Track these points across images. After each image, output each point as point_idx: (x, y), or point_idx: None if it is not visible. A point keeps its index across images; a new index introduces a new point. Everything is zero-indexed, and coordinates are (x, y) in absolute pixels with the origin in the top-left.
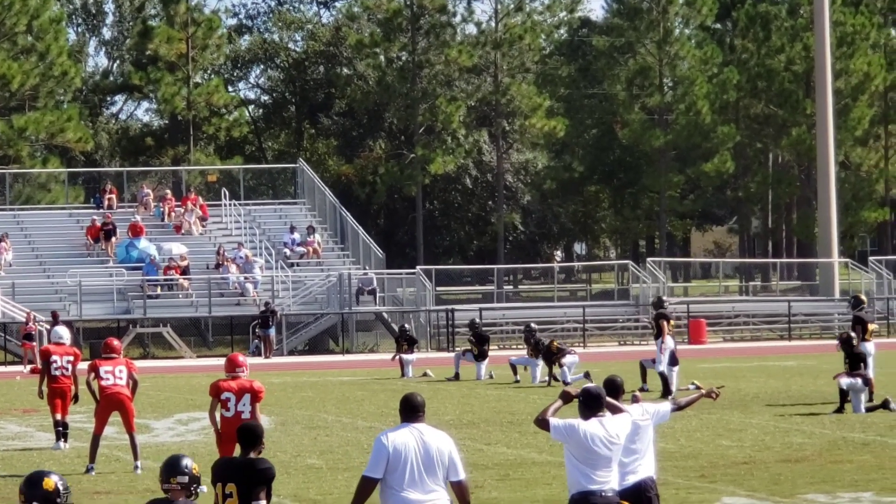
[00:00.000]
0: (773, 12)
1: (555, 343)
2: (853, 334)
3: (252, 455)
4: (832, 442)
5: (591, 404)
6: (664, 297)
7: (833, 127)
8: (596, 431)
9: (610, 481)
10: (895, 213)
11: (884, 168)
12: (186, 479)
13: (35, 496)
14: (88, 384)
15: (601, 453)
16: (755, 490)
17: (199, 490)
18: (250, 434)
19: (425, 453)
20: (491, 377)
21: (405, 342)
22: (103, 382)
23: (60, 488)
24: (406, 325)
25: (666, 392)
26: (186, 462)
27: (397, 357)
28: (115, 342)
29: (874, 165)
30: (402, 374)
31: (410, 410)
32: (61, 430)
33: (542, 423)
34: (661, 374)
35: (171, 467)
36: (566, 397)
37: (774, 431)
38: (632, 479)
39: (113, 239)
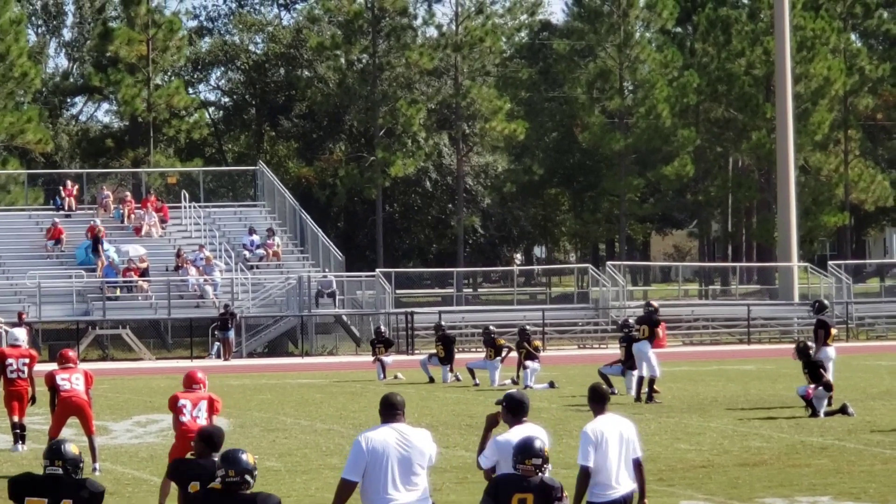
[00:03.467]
0: (733, 16)
1: (535, 342)
2: (810, 343)
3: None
4: (790, 446)
5: (515, 410)
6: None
7: (793, 131)
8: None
9: None
10: (854, 217)
11: (843, 173)
12: (540, 460)
13: (67, 462)
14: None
15: None
16: (713, 494)
17: (546, 468)
18: (212, 439)
19: (405, 453)
20: (458, 379)
21: (381, 344)
22: (61, 389)
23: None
24: (382, 327)
25: (650, 395)
26: (539, 445)
27: (376, 360)
28: (71, 353)
29: (834, 170)
30: (381, 377)
31: (390, 410)
32: (19, 433)
33: (485, 474)
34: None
35: (528, 450)
36: (492, 420)
37: (733, 435)
38: (621, 491)
39: (100, 247)
